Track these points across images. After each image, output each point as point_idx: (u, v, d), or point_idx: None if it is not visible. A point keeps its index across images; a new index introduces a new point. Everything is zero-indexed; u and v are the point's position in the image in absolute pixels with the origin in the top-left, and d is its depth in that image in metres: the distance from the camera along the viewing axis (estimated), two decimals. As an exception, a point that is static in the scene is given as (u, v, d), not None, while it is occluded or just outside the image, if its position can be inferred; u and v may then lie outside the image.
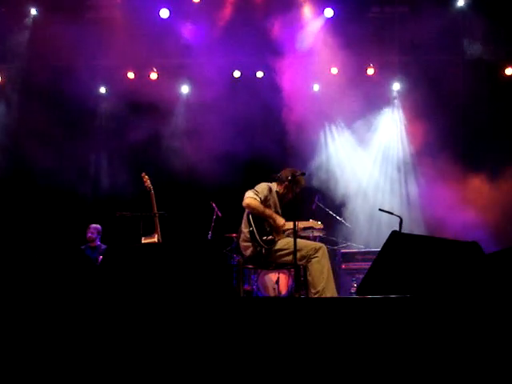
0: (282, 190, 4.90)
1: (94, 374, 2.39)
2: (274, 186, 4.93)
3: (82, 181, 8.00)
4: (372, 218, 7.94)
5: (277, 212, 4.82)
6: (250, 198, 4.65)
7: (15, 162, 8.22)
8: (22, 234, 7.00)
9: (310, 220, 5.20)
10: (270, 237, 4.60)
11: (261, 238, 4.55)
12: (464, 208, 7.41)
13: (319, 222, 5.18)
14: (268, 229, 4.66)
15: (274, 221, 4.68)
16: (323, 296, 4.35)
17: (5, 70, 8.28)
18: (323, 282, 4.43)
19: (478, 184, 7.73)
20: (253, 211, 4.64)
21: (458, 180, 7.65)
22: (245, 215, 4.77)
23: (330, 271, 4.53)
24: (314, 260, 4.50)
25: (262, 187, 4.79)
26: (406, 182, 8.42)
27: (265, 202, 4.73)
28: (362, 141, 8.53)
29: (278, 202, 4.88)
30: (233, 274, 5.73)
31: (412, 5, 7.93)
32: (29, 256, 2.94)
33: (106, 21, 7.77)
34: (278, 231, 4.74)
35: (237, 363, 2.35)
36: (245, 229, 4.72)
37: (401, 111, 8.55)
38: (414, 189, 8.32)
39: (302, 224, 4.97)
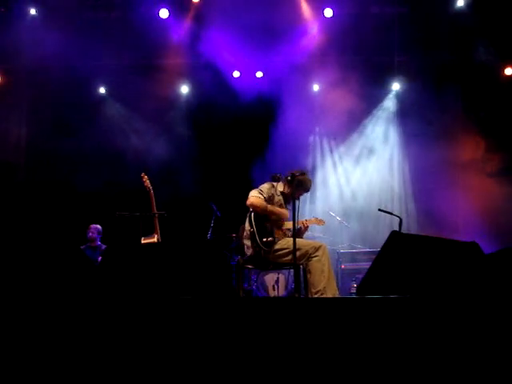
0: (286, 190, 4.88)
1: (94, 374, 2.39)
2: (279, 185, 4.92)
3: (82, 180, 7.98)
4: (371, 217, 7.93)
5: None
6: (254, 196, 4.67)
7: (15, 162, 8.23)
8: (22, 233, 7.00)
9: (313, 218, 5.19)
10: (270, 238, 4.58)
11: (261, 239, 4.53)
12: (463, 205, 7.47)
13: (322, 219, 5.17)
14: (269, 229, 4.65)
15: (279, 215, 4.69)
16: (324, 295, 4.33)
17: (5, 70, 8.27)
18: (324, 280, 4.40)
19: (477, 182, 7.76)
20: (257, 209, 4.63)
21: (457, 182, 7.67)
22: (248, 214, 4.76)
23: (331, 270, 4.51)
24: (314, 259, 4.47)
25: (266, 187, 4.81)
26: (405, 181, 8.42)
27: (269, 201, 4.72)
28: (360, 140, 8.53)
29: (282, 202, 4.87)
30: (232, 274, 5.72)
31: (412, 5, 7.92)
32: (28, 256, 2.94)
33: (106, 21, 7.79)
34: (282, 225, 4.73)
35: (236, 363, 2.35)
36: (248, 227, 4.71)
37: (400, 111, 8.53)
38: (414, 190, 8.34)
39: (306, 222, 4.92)
